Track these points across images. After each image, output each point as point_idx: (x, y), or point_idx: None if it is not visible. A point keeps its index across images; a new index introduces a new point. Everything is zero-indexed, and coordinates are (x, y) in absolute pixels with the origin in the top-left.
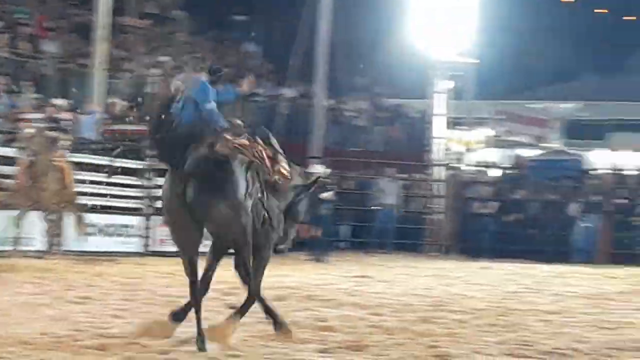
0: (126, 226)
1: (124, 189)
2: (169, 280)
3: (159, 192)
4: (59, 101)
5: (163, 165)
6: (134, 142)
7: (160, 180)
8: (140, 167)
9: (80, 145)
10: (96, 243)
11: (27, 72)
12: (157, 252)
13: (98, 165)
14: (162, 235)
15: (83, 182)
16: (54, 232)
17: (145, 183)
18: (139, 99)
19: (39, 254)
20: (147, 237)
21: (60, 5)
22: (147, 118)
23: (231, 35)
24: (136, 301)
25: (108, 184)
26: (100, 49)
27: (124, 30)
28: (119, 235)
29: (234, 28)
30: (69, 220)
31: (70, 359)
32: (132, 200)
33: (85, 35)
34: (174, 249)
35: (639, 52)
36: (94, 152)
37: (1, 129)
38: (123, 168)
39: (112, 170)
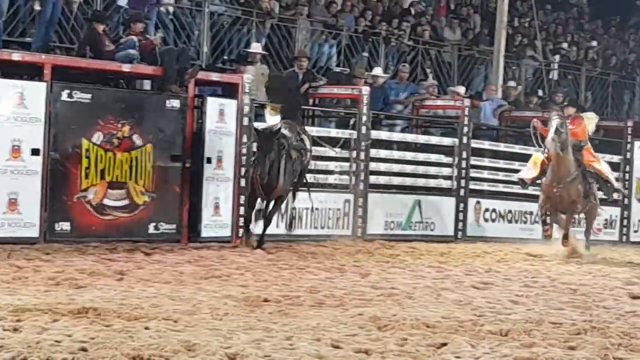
0: (529, 213)
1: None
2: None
3: None
4: (459, 88)
5: None
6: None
7: None
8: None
9: (479, 132)
10: (497, 229)
11: (429, 59)
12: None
13: (497, 152)
14: None
15: (482, 168)
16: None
17: None
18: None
19: (443, 238)
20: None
21: None
22: None
23: (632, 21)
24: (536, 288)
25: (509, 170)
26: (501, 35)
27: (524, 17)
28: (519, 221)
29: (636, 13)
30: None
31: (470, 343)
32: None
33: (486, 22)
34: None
35: None
36: (494, 139)
37: (403, 116)
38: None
39: None
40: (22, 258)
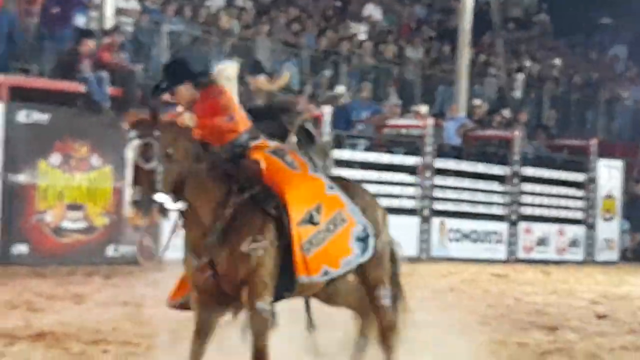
0: (492, 232)
1: (488, 195)
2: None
3: (525, 199)
4: (422, 107)
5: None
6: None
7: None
8: (505, 173)
9: (443, 151)
10: (460, 249)
11: (392, 78)
12: (522, 260)
13: (460, 172)
14: (527, 242)
15: (446, 187)
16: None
17: (510, 189)
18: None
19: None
20: (512, 244)
21: (423, 11)
22: None
23: (596, 39)
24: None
25: (473, 189)
26: (464, 55)
27: (487, 35)
28: (483, 241)
29: (599, 31)
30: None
31: None
32: (496, 207)
33: (449, 41)
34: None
35: None
36: (457, 158)
37: (365, 135)
38: (486, 174)
39: None
40: None
